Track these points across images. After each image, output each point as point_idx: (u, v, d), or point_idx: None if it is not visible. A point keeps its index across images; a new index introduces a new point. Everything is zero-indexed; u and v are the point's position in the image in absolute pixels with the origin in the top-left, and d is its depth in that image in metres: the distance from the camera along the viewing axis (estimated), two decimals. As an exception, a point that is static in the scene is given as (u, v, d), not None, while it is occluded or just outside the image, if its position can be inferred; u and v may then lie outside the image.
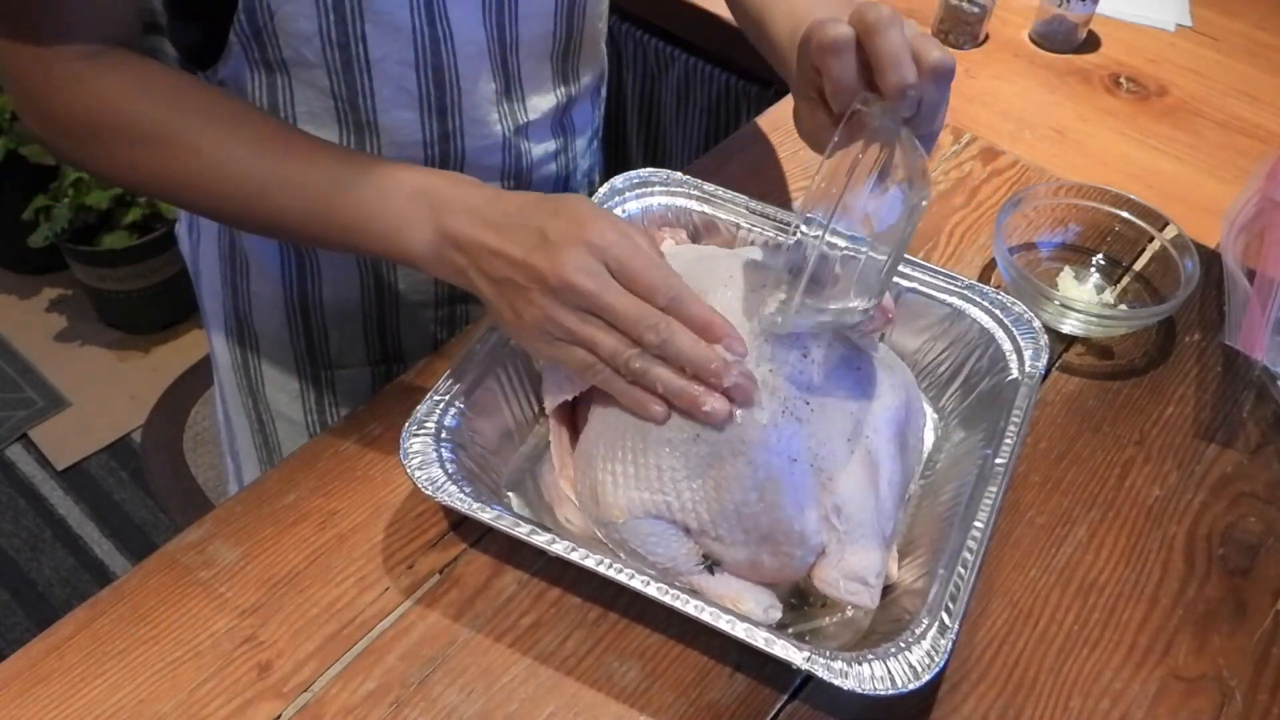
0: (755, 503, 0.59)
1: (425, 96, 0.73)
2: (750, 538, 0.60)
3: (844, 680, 0.54)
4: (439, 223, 0.61)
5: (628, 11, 1.29)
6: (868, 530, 0.60)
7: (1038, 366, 0.69)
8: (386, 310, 0.85)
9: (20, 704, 0.57)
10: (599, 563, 0.58)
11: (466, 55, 0.73)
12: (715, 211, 0.78)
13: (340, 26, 0.67)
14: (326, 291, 0.82)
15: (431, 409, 0.64)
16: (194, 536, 0.65)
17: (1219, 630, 0.66)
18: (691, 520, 0.60)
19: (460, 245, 0.61)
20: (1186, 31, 1.20)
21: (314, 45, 0.68)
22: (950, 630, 0.56)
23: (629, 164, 1.43)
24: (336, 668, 0.60)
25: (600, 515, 0.63)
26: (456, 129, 0.76)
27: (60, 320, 2.08)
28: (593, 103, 0.88)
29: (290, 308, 0.83)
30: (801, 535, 0.59)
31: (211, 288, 0.86)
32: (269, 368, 0.88)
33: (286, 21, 0.67)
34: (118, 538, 1.76)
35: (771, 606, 0.61)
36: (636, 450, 0.61)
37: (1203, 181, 1.00)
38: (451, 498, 0.60)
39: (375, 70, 0.70)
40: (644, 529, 0.61)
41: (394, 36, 0.69)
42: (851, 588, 0.59)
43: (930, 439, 0.73)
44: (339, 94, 0.71)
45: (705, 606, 0.57)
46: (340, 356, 0.87)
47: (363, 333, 0.86)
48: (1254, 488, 0.74)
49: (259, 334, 0.86)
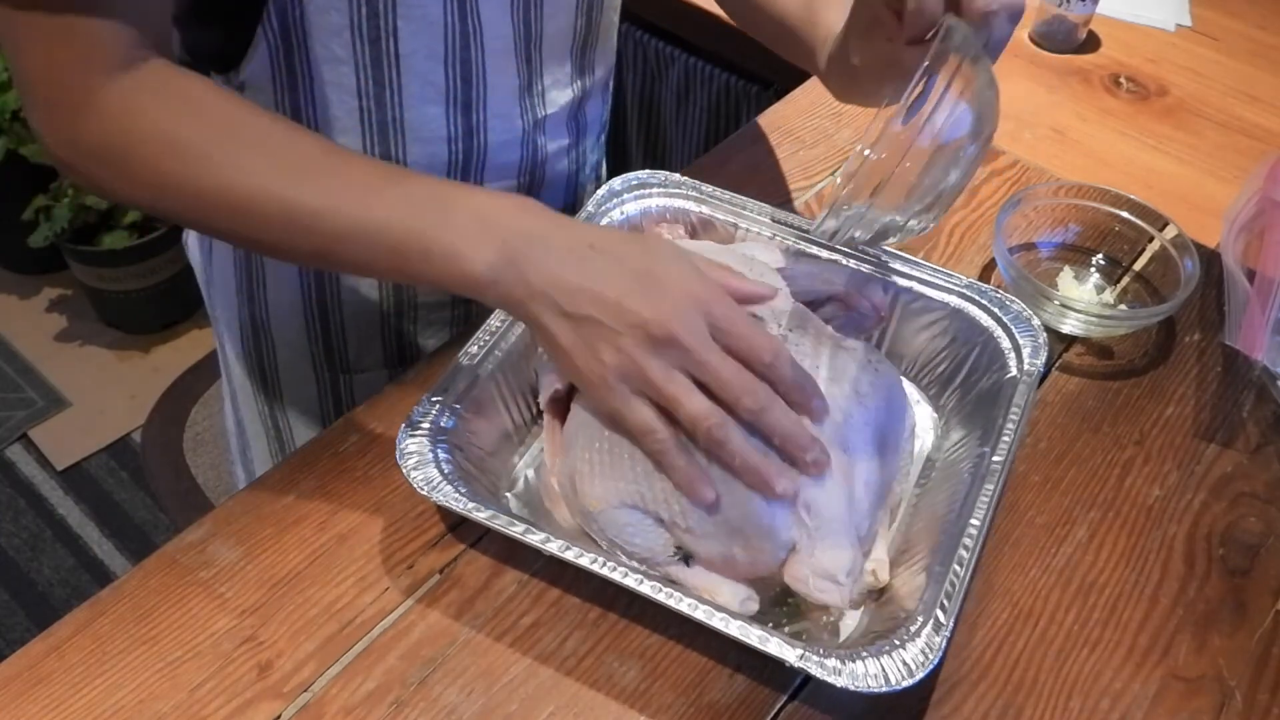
0: (723, 495, 0.59)
1: (452, 91, 0.73)
2: (720, 530, 0.60)
3: (837, 678, 0.54)
4: (505, 247, 0.58)
5: (628, 11, 1.29)
6: (838, 528, 0.60)
7: (1036, 364, 0.69)
8: (405, 311, 0.85)
9: (20, 704, 0.57)
10: (593, 561, 0.58)
11: (494, 50, 0.73)
12: (713, 212, 0.78)
13: (372, 20, 0.67)
14: (345, 294, 0.82)
15: (428, 409, 0.64)
16: (194, 536, 0.65)
17: (1219, 630, 0.66)
18: (664, 511, 0.61)
19: (528, 275, 0.57)
20: (1186, 31, 1.20)
21: (344, 39, 0.67)
22: (945, 628, 0.56)
23: (629, 164, 1.43)
24: (336, 668, 0.60)
25: (579, 504, 0.63)
26: (480, 124, 0.76)
27: (60, 320, 2.08)
28: (603, 97, 0.88)
29: (309, 312, 0.83)
30: (770, 529, 0.59)
31: (226, 297, 0.85)
32: (286, 373, 0.88)
33: (318, 15, 0.66)
34: (118, 538, 1.76)
35: (749, 599, 0.61)
36: (611, 440, 0.61)
37: (1203, 181, 1.00)
38: (447, 497, 0.60)
39: (404, 65, 0.70)
40: (620, 518, 0.61)
41: (426, 30, 0.69)
42: (821, 585, 0.59)
43: (929, 438, 0.73)
44: (365, 91, 0.70)
45: (699, 604, 0.57)
46: (359, 360, 0.87)
47: (380, 335, 0.86)
48: (1254, 488, 0.74)
49: (276, 340, 0.86)
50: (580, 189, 0.90)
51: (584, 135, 0.86)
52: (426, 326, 0.87)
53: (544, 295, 0.57)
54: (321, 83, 0.70)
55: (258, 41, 0.67)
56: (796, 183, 0.93)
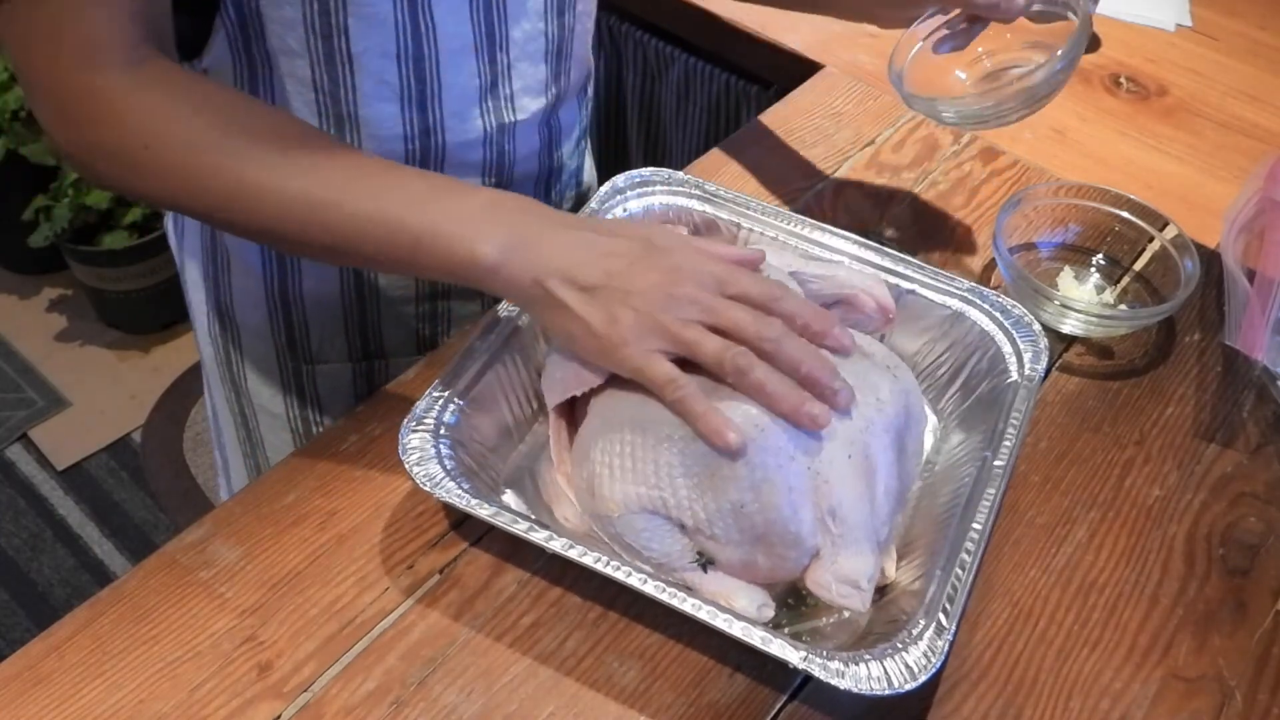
0: (751, 502, 0.59)
1: (406, 90, 0.73)
2: (745, 537, 0.60)
3: (840, 680, 0.54)
4: (513, 231, 0.60)
5: (627, 11, 1.29)
6: (862, 534, 0.60)
7: (1037, 369, 0.69)
8: (368, 305, 0.85)
9: (20, 704, 0.57)
10: (596, 560, 0.58)
11: (450, 50, 0.73)
12: (717, 211, 0.78)
13: (324, 17, 0.67)
14: (307, 285, 0.82)
15: (430, 405, 0.64)
16: (194, 536, 0.65)
17: (1219, 630, 0.66)
18: (687, 517, 0.60)
19: (537, 254, 0.60)
20: (1186, 31, 1.20)
21: (298, 33, 0.68)
22: (947, 631, 0.56)
23: (629, 164, 1.43)
24: (336, 668, 0.60)
25: (596, 508, 0.63)
26: (438, 123, 0.76)
27: (60, 320, 2.08)
28: (579, 103, 0.88)
29: (271, 302, 0.83)
30: (797, 537, 0.59)
31: (195, 282, 0.87)
32: (251, 362, 0.88)
33: (272, 8, 0.67)
34: (118, 538, 1.76)
35: (765, 605, 0.61)
36: (635, 444, 0.61)
37: (1203, 181, 1.00)
38: (449, 494, 0.60)
39: (357, 63, 0.70)
40: (639, 524, 0.61)
41: (376, 29, 0.69)
42: (844, 591, 0.59)
43: (929, 441, 0.73)
44: (320, 85, 0.71)
45: (702, 605, 0.57)
46: (321, 352, 0.86)
47: (343, 328, 0.85)
48: (1254, 488, 0.74)
49: (241, 328, 0.86)
50: (559, 196, 0.90)
51: (559, 140, 0.86)
52: (391, 321, 0.86)
53: (555, 270, 0.60)
54: (281, 74, 0.70)
55: (216, 30, 0.68)
56: (797, 183, 0.93)
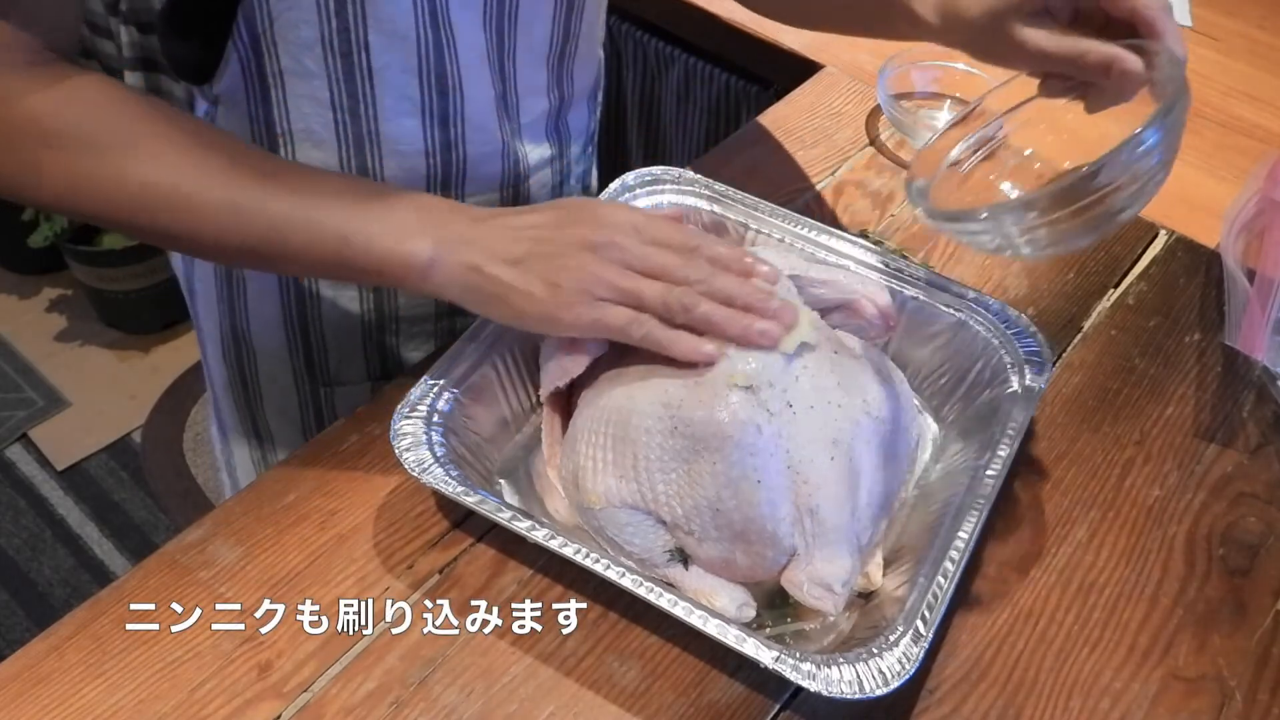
0: (729, 499, 0.59)
1: (428, 104, 0.72)
2: (723, 534, 0.60)
3: (810, 682, 0.54)
4: (444, 230, 0.63)
5: (628, 11, 1.29)
6: (839, 537, 0.60)
7: (1039, 381, 0.69)
8: (386, 325, 0.85)
9: (20, 704, 0.57)
10: (595, 560, 0.58)
11: (468, 62, 0.72)
12: (725, 211, 0.78)
13: (343, 35, 0.66)
14: (326, 307, 0.82)
15: (425, 392, 0.64)
16: (194, 536, 0.65)
17: (1219, 630, 0.66)
18: (665, 513, 0.61)
19: (468, 247, 0.62)
20: (1186, 31, 1.20)
21: (315, 53, 0.67)
22: (924, 639, 0.56)
23: (629, 164, 1.43)
24: (336, 668, 0.60)
25: (580, 500, 0.63)
26: (459, 137, 0.75)
27: (60, 320, 2.08)
28: (589, 107, 0.87)
29: (289, 325, 0.83)
30: (774, 536, 0.60)
31: (208, 306, 0.85)
32: (267, 385, 0.87)
33: (287, 29, 0.66)
34: (118, 538, 1.76)
35: (746, 605, 0.61)
36: (616, 437, 0.61)
37: (1203, 181, 1.00)
38: (437, 480, 0.60)
39: (378, 79, 0.69)
40: (620, 518, 0.61)
41: (398, 44, 0.68)
42: (816, 592, 0.59)
43: (929, 449, 0.72)
44: (339, 104, 0.70)
45: (679, 601, 0.57)
46: (339, 373, 0.86)
47: (362, 349, 0.85)
48: (1254, 488, 0.74)
49: (257, 351, 0.85)
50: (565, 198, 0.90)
51: (568, 145, 0.86)
52: (409, 340, 0.86)
53: (485, 254, 0.62)
54: (296, 95, 0.69)
55: (229, 54, 0.67)
56: (796, 183, 0.93)
